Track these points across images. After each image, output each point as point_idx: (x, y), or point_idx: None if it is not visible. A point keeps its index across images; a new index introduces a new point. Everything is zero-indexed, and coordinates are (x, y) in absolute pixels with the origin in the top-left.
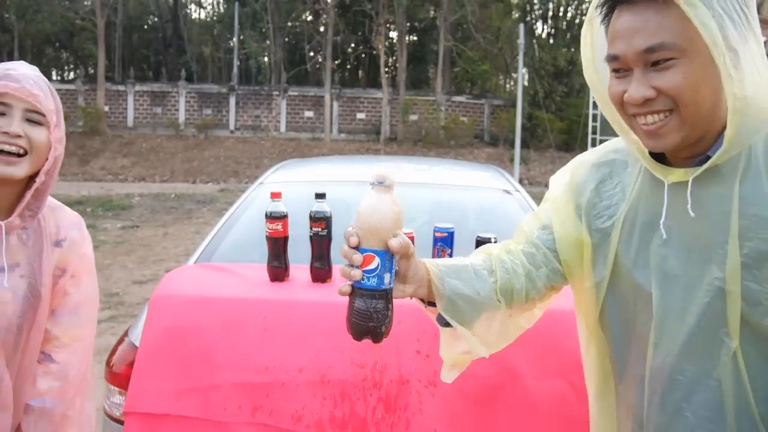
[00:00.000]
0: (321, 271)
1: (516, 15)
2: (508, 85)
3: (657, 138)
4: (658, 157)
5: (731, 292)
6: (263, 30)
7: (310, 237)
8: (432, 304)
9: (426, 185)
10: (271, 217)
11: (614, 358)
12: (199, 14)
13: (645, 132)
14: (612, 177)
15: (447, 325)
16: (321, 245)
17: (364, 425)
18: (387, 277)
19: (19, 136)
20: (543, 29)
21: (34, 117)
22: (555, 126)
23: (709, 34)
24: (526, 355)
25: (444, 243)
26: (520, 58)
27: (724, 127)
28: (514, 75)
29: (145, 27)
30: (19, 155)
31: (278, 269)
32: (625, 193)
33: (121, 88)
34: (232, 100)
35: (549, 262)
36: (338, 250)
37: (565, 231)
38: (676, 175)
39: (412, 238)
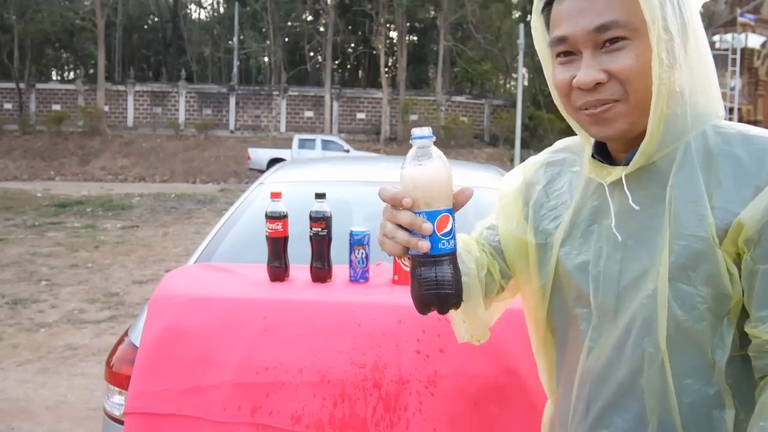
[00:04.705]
0: (321, 271)
1: (516, 15)
2: (508, 85)
3: (602, 123)
4: (603, 154)
5: (661, 295)
6: (263, 30)
7: (310, 237)
8: None
9: None
10: (271, 217)
11: (557, 361)
12: (199, 14)
13: (589, 118)
14: (561, 176)
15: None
16: (321, 245)
17: (364, 425)
18: (456, 237)
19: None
20: None
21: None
22: (555, 126)
23: (650, 9)
24: (526, 355)
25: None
26: (520, 58)
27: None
28: (514, 75)
29: (145, 27)
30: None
31: (278, 269)
32: (571, 193)
33: (121, 88)
34: (232, 100)
35: (495, 258)
36: (338, 250)
37: (509, 231)
38: (614, 174)
39: None
